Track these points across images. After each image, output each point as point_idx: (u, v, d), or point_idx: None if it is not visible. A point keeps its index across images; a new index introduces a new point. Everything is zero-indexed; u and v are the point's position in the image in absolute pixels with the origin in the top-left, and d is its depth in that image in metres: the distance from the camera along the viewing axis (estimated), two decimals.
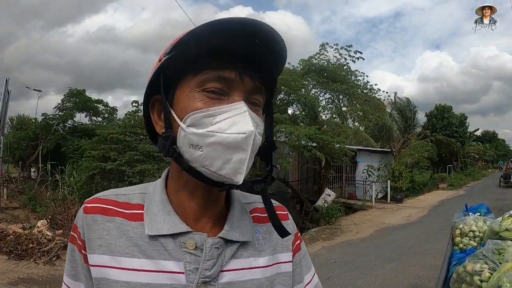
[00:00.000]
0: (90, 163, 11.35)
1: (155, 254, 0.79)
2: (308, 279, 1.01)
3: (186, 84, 0.78)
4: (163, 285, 0.77)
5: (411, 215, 14.65)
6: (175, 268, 0.78)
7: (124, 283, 0.77)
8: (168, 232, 0.80)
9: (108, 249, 0.80)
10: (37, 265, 7.18)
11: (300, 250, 1.01)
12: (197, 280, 0.78)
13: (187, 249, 0.79)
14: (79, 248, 0.84)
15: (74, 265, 0.86)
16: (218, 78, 0.76)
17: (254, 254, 0.87)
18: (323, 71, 14.27)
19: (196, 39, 0.76)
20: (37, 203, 12.75)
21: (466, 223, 3.35)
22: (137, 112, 13.14)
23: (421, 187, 24.48)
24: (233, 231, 0.85)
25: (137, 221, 0.83)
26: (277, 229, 0.85)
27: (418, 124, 33.61)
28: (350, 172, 20.36)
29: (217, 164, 0.74)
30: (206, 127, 0.74)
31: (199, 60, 0.76)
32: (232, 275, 0.82)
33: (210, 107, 0.75)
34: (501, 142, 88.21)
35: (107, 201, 0.86)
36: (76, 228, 0.85)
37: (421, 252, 8.57)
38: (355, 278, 6.69)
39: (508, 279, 1.99)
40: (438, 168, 36.33)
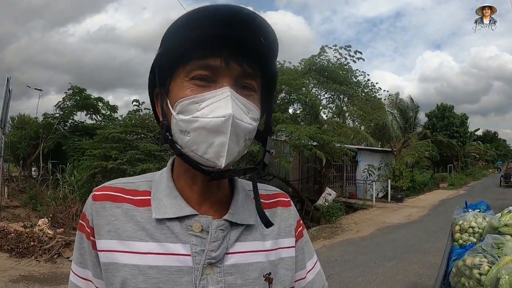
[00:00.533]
0: (91, 162, 11.36)
1: (162, 237, 0.82)
2: (310, 266, 1.04)
3: (177, 76, 0.80)
4: (171, 267, 0.79)
5: (411, 214, 14.67)
6: (181, 251, 0.81)
7: (132, 266, 0.80)
8: (174, 216, 0.83)
9: (116, 234, 0.83)
10: (38, 263, 7.20)
11: (303, 237, 1.04)
12: (203, 262, 0.80)
13: (193, 231, 0.82)
14: (87, 235, 0.86)
15: (82, 252, 0.89)
16: (203, 66, 0.78)
17: (258, 238, 0.89)
18: (323, 70, 14.27)
19: (180, 32, 0.79)
20: (38, 202, 12.77)
21: (466, 220, 3.38)
22: (138, 111, 13.17)
23: (421, 186, 24.50)
24: (237, 214, 0.87)
25: (145, 207, 0.85)
26: (260, 217, 0.86)
27: (419, 124, 33.63)
28: (351, 172, 20.37)
29: (202, 148, 0.76)
30: (192, 113, 0.76)
31: (185, 52, 0.78)
32: (237, 257, 0.85)
33: (196, 94, 0.77)
34: (502, 142, 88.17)
35: (115, 189, 0.88)
36: (85, 216, 0.88)
37: (422, 250, 8.58)
38: (355, 276, 6.71)
39: (506, 271, 2.02)
40: (438, 168, 36.37)
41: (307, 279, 1.02)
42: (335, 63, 14.91)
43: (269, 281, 0.87)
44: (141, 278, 0.79)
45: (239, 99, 0.78)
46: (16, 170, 21.51)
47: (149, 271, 0.79)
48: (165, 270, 0.79)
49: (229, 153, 0.76)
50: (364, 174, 19.68)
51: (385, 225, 12.45)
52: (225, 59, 0.77)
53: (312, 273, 1.04)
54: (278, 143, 13.51)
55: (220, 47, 0.77)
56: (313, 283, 1.03)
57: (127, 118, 13.09)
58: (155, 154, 11.38)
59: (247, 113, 0.79)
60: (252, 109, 0.81)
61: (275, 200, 1.01)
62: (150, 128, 12.46)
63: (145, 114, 13.01)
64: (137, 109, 13.22)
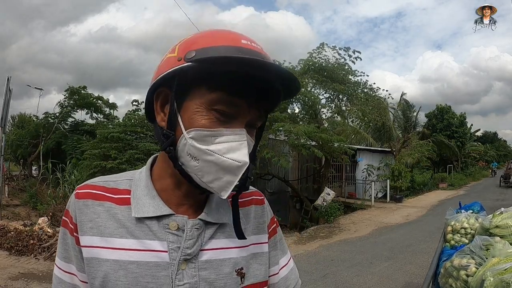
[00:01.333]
0: (91, 161, 11.41)
1: (141, 234, 0.87)
2: (284, 262, 1.10)
3: (198, 96, 0.82)
4: (149, 262, 0.85)
5: (410, 214, 14.68)
6: (159, 247, 0.86)
7: (113, 261, 0.85)
8: (153, 215, 0.88)
9: (98, 231, 0.88)
10: (37, 261, 7.25)
11: (276, 234, 1.10)
12: (179, 258, 0.86)
13: (170, 229, 0.88)
14: (71, 231, 0.91)
15: (66, 247, 0.93)
16: (229, 103, 0.81)
17: (231, 235, 0.94)
18: (322, 70, 14.26)
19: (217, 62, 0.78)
20: (38, 201, 12.82)
21: (458, 220, 3.40)
22: (137, 111, 13.20)
23: (421, 187, 24.48)
24: (211, 214, 0.93)
25: (125, 205, 0.91)
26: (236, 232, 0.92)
27: (419, 124, 33.60)
28: (350, 171, 20.37)
29: (208, 178, 0.82)
30: (207, 144, 0.80)
31: (215, 79, 0.80)
32: (211, 254, 0.90)
33: (214, 127, 0.81)
34: (502, 142, 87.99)
35: (97, 187, 0.93)
36: (68, 212, 0.93)
37: (418, 251, 8.61)
38: (351, 276, 6.73)
39: (491, 273, 2.03)
40: (438, 168, 36.33)
41: (280, 275, 1.08)
42: (334, 63, 14.88)
43: (241, 275, 0.93)
44: (121, 272, 0.84)
45: (248, 139, 0.83)
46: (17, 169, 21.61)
47: (129, 266, 0.85)
48: (144, 265, 0.85)
49: (232, 190, 0.83)
50: (363, 174, 19.71)
51: (383, 225, 12.47)
52: (249, 102, 0.82)
53: (286, 269, 1.10)
54: (277, 142, 13.52)
55: (248, 89, 0.81)
56: (286, 279, 1.09)
57: (126, 118, 13.09)
58: (154, 153, 11.37)
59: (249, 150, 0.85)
60: (250, 145, 0.86)
61: (249, 199, 1.06)
62: (150, 127, 12.46)
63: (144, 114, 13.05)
64: (136, 109, 13.26)
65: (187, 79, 0.82)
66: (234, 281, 0.92)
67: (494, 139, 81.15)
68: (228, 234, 0.94)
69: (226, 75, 0.78)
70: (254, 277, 0.97)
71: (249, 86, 0.81)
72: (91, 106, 19.70)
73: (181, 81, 0.83)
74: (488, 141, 74.15)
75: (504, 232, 2.71)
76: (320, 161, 15.80)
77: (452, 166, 36.32)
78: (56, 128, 18.35)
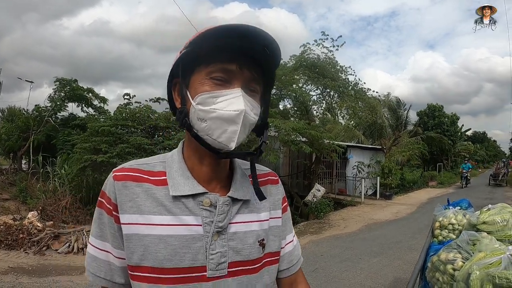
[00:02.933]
0: (81, 155, 11.32)
1: (177, 211, 1.01)
2: (290, 239, 1.27)
3: (198, 72, 1.00)
4: (186, 235, 0.99)
5: (399, 211, 14.78)
6: (194, 222, 1.01)
7: (153, 236, 0.98)
8: (188, 193, 1.02)
9: (138, 210, 1.00)
10: (27, 255, 7.22)
11: (287, 211, 1.28)
12: (212, 230, 1.01)
13: (203, 206, 1.02)
14: (108, 211, 1.03)
15: (101, 227, 1.06)
16: (222, 69, 0.98)
17: (253, 211, 1.11)
18: (314, 66, 14.25)
19: (206, 40, 0.98)
20: (28, 195, 12.74)
21: (446, 216, 3.42)
22: (129, 104, 13.10)
23: (411, 184, 24.59)
24: (237, 192, 1.08)
25: (162, 186, 1.03)
26: (256, 192, 1.07)
27: (410, 123, 33.74)
28: (341, 168, 20.40)
29: (216, 133, 0.97)
30: (210, 105, 0.96)
31: (209, 55, 0.98)
32: (237, 226, 1.06)
33: (214, 90, 0.97)
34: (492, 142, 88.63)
35: (134, 170, 1.06)
36: (105, 194, 1.05)
37: (407, 247, 8.67)
38: (340, 271, 6.79)
39: (477, 267, 2.06)
40: (428, 166, 36.51)
41: (286, 249, 1.24)
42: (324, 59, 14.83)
43: (262, 245, 1.09)
44: (161, 245, 0.97)
45: (247, 98, 0.99)
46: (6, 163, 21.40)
47: (168, 239, 0.98)
48: (181, 238, 0.99)
49: (238, 138, 0.97)
50: (354, 171, 19.78)
51: (373, 221, 12.54)
52: (239, 65, 0.98)
53: (290, 245, 1.27)
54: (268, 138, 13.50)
55: (236, 56, 0.98)
56: (290, 254, 1.26)
57: (118, 112, 13.01)
58: (145, 147, 11.37)
59: (251, 109, 0.99)
60: (255, 106, 1.02)
61: (266, 179, 1.23)
62: (141, 121, 12.45)
63: (136, 107, 12.97)
64: (128, 103, 13.16)
65: (187, 62, 1.01)
66: (257, 250, 1.08)
67: (484, 139, 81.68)
68: (250, 209, 1.10)
69: (215, 49, 0.96)
70: (271, 247, 1.14)
71: (236, 52, 0.97)
72: (82, 99, 19.51)
73: (183, 66, 1.02)
74: (478, 141, 74.62)
75: (491, 228, 2.74)
76: (311, 157, 15.84)
77: (442, 164, 36.55)
78: (46, 121, 18.20)
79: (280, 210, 1.22)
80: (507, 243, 2.54)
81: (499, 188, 27.03)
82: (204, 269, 1.00)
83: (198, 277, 0.99)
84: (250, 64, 1.00)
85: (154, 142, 12.07)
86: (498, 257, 2.04)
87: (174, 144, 11.90)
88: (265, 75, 1.07)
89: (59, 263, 6.95)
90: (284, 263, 1.24)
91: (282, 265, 1.23)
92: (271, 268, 1.16)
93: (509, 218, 2.75)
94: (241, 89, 0.98)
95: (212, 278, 1.00)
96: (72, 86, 18.62)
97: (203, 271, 0.99)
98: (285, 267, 1.24)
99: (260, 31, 0.97)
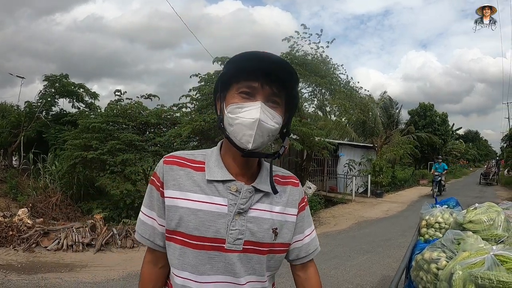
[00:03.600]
0: (72, 152, 11.23)
1: (209, 192, 1.29)
2: (308, 232, 1.53)
3: (231, 88, 1.29)
4: (213, 212, 1.26)
5: (390, 209, 14.87)
6: (221, 202, 1.28)
7: (187, 209, 1.27)
8: (220, 178, 1.30)
9: (178, 187, 1.30)
10: (16, 252, 7.18)
11: (304, 211, 1.51)
12: (235, 210, 1.27)
13: (230, 190, 1.29)
14: (157, 187, 1.34)
15: (151, 199, 1.37)
16: (247, 86, 1.25)
17: (272, 203, 1.36)
18: (305, 64, 14.16)
19: (235, 63, 1.28)
20: (19, 192, 12.67)
21: (433, 215, 3.45)
22: (120, 101, 12.98)
23: (402, 182, 24.69)
24: (260, 184, 1.35)
25: (200, 171, 1.33)
26: (271, 186, 1.33)
27: (401, 121, 33.81)
28: (332, 166, 20.43)
29: (239, 136, 1.24)
30: (236, 114, 1.24)
31: (238, 75, 1.26)
32: (256, 212, 1.31)
33: (240, 102, 1.25)
34: (483, 142, 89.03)
35: (180, 157, 1.37)
36: (156, 174, 1.36)
37: (397, 245, 8.73)
38: (329, 268, 6.84)
39: (461, 267, 2.06)
40: (420, 165, 36.65)
41: (304, 241, 1.50)
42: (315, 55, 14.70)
43: (275, 233, 1.34)
44: (192, 216, 1.26)
45: (267, 109, 1.25)
46: None
47: (198, 212, 1.26)
48: (209, 213, 1.26)
49: (255, 141, 1.23)
50: (345, 168, 19.82)
51: (363, 219, 12.60)
52: (261, 83, 1.24)
53: (308, 238, 1.52)
54: None
55: (258, 76, 1.24)
56: (308, 245, 1.52)
57: (109, 108, 12.89)
58: (135, 144, 11.32)
59: (271, 118, 1.26)
60: (275, 116, 1.28)
61: (288, 180, 1.48)
62: (131, 118, 12.39)
63: (127, 104, 12.86)
64: (119, 99, 13.03)
65: (223, 80, 1.31)
66: (269, 236, 1.32)
67: (476, 138, 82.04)
68: (269, 201, 1.36)
69: (242, 70, 1.25)
70: (282, 238, 1.37)
71: (258, 73, 1.23)
72: (73, 95, 19.33)
73: (221, 83, 1.33)
74: (470, 140, 74.91)
75: (477, 227, 2.75)
76: (302, 154, 15.83)
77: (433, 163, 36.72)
78: (37, 117, 18.05)
79: (296, 209, 1.45)
80: (493, 242, 2.55)
81: (490, 187, 27.35)
82: (223, 242, 1.25)
83: (217, 247, 1.25)
84: (271, 81, 1.25)
85: (145, 138, 11.99)
86: (482, 257, 2.04)
87: (165, 141, 11.87)
88: (286, 91, 1.31)
89: (48, 260, 6.91)
90: (302, 252, 1.50)
91: (300, 253, 1.50)
92: (278, 256, 1.39)
93: (495, 217, 2.76)
94: (261, 102, 1.23)
95: (229, 250, 1.26)
96: (62, 82, 18.41)
97: (222, 243, 1.25)
98: (303, 255, 1.51)
99: (274, 56, 1.25)
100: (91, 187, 12.46)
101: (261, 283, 1.36)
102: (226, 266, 1.27)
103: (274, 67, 1.24)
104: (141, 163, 11.13)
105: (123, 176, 11.14)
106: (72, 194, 11.73)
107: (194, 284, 1.27)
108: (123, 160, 10.61)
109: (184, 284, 1.29)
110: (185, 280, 1.28)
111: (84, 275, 6.24)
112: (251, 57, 1.26)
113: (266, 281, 1.38)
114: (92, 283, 5.92)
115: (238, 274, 1.28)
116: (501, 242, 2.54)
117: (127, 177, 11.14)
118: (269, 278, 1.41)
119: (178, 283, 1.30)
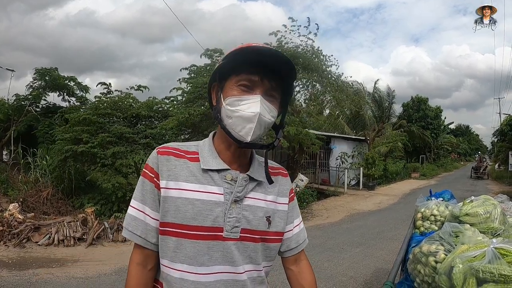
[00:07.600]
0: (63, 145, 11.12)
1: (205, 181, 1.30)
2: (297, 223, 1.57)
3: (230, 80, 1.29)
4: (210, 201, 1.27)
5: (382, 202, 14.95)
6: (217, 191, 1.29)
7: (184, 198, 1.26)
8: (215, 168, 1.31)
9: (174, 178, 1.29)
10: (7, 248, 7.12)
11: (293, 201, 1.56)
12: (232, 199, 1.29)
13: (226, 179, 1.31)
14: (151, 179, 1.32)
15: (143, 193, 1.34)
16: (247, 79, 1.26)
17: (264, 192, 1.39)
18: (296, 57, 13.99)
19: (237, 56, 1.28)
20: (9, 187, 12.57)
21: (428, 207, 3.42)
22: (109, 93, 12.78)
23: (393, 175, 24.81)
24: (254, 173, 1.37)
25: (195, 162, 1.33)
26: (266, 176, 1.36)
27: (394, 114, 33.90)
28: (324, 158, 20.51)
29: (238, 128, 1.25)
30: (235, 106, 1.25)
31: (238, 67, 1.27)
32: (251, 201, 1.34)
33: (240, 95, 1.26)
34: (474, 136, 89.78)
35: (174, 149, 1.36)
36: (148, 165, 1.34)
37: (389, 237, 8.75)
38: (322, 261, 6.83)
39: (460, 260, 2.03)
40: (411, 158, 36.84)
41: (294, 231, 1.53)
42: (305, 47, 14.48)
43: (268, 221, 1.36)
44: (189, 206, 1.25)
45: (265, 103, 1.26)
46: None
47: (195, 202, 1.26)
48: (206, 202, 1.26)
49: (254, 134, 1.24)
50: (337, 161, 19.87)
51: (355, 211, 12.66)
52: (260, 77, 1.26)
53: (298, 228, 1.56)
54: None
55: (258, 69, 1.25)
56: (298, 235, 1.55)
57: (97, 101, 12.73)
58: (126, 136, 11.26)
59: (269, 112, 1.27)
60: (272, 109, 1.30)
61: (278, 171, 1.52)
62: (123, 110, 12.29)
63: (116, 96, 12.74)
64: (108, 91, 12.80)
65: (223, 71, 1.32)
66: (263, 224, 1.35)
67: (467, 132, 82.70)
68: (263, 190, 1.39)
69: (243, 63, 1.26)
70: (276, 227, 1.40)
71: (258, 67, 1.25)
72: (63, 88, 19.11)
73: (220, 74, 1.33)
74: (461, 134, 75.47)
75: (474, 220, 2.73)
76: (294, 147, 15.82)
77: (425, 156, 36.96)
78: (27, 111, 17.87)
79: (287, 198, 1.49)
80: (489, 235, 2.53)
81: (481, 180, 27.69)
82: (221, 230, 1.27)
83: (215, 236, 1.26)
84: (270, 76, 1.27)
85: (136, 131, 11.89)
86: (482, 250, 2.01)
87: (156, 133, 11.79)
88: (283, 86, 1.33)
89: (39, 255, 6.86)
90: (293, 242, 1.52)
91: (291, 244, 1.52)
92: (273, 245, 1.41)
93: (492, 210, 2.74)
94: (260, 96, 1.25)
95: (227, 238, 1.27)
96: (52, 75, 18.20)
97: (220, 231, 1.27)
98: (293, 246, 1.53)
99: (276, 51, 1.26)
100: (82, 181, 12.38)
101: (258, 271, 1.37)
102: (224, 255, 1.28)
103: (275, 61, 1.26)
104: (132, 155, 11.01)
105: (114, 169, 11.08)
106: (63, 188, 11.64)
107: (193, 276, 1.26)
108: (114, 153, 10.54)
109: (182, 277, 1.27)
110: (182, 273, 1.27)
111: (75, 270, 6.19)
112: (253, 51, 1.27)
113: (262, 270, 1.39)
114: (83, 278, 5.87)
115: (237, 262, 1.29)
116: (498, 235, 2.52)
117: (118, 170, 11.10)
118: (265, 269, 1.42)
119: (175, 277, 1.28)
